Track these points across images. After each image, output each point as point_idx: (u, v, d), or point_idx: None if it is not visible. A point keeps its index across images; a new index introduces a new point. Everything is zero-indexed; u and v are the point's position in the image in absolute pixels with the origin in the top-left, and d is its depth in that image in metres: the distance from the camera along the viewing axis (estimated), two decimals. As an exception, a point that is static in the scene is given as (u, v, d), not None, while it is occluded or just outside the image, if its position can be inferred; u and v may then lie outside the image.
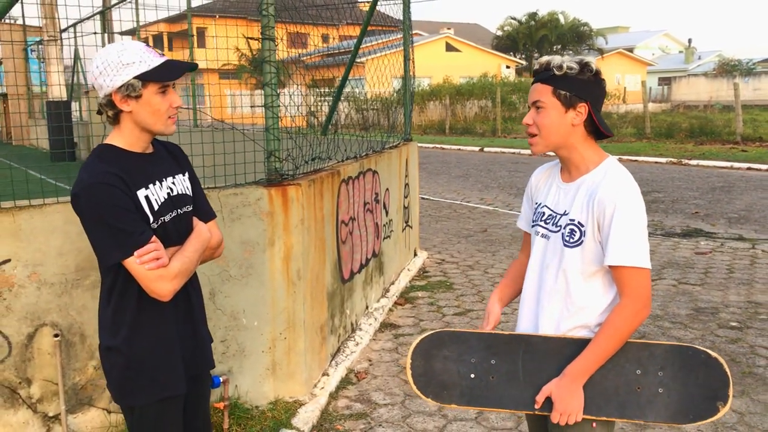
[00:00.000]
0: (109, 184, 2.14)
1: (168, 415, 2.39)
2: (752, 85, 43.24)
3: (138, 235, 2.16)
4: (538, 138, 2.22)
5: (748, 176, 14.61)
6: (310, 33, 7.45)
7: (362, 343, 5.32)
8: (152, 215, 2.26)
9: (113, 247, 2.15)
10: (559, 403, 2.16)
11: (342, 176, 5.11)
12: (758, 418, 4.07)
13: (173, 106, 2.28)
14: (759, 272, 7.19)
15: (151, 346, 2.32)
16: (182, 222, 2.40)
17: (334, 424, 4.11)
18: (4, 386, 3.43)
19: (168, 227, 2.32)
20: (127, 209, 2.16)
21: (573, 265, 2.22)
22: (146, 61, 2.20)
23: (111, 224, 2.13)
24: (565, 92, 2.15)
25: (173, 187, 2.38)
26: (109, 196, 2.14)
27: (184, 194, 2.43)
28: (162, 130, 2.29)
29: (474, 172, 17.26)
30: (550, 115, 2.18)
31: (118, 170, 2.19)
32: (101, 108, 2.26)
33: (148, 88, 2.21)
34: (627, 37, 68.68)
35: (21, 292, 3.41)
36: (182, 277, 2.28)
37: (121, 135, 2.28)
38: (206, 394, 2.67)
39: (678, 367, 2.15)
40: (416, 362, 2.32)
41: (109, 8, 19.03)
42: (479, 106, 35.38)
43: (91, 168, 2.19)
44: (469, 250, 8.64)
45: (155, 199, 2.28)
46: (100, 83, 2.20)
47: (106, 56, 2.19)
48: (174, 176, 2.41)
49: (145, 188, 2.26)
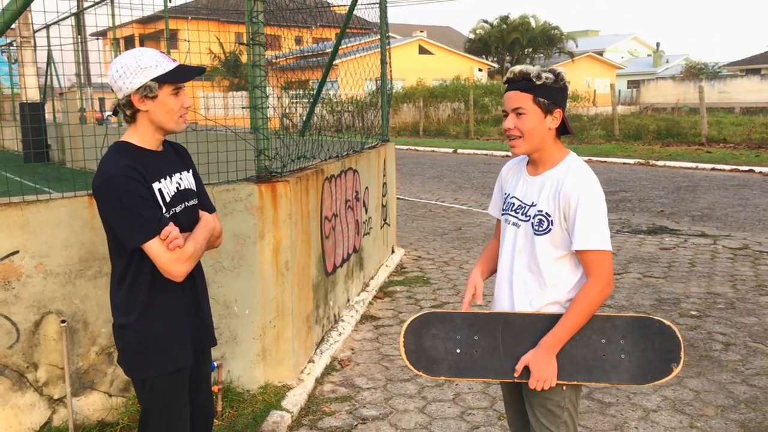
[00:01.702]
0: (129, 176, 2.39)
1: (176, 386, 2.63)
2: (718, 88, 44.23)
3: (157, 221, 2.41)
4: (521, 141, 2.48)
5: (711, 176, 15.13)
6: (283, 35, 7.65)
7: (345, 333, 5.59)
8: (165, 206, 2.51)
9: (137, 232, 2.39)
10: (536, 371, 2.45)
11: (326, 174, 5.37)
12: (712, 395, 4.41)
13: (184, 106, 2.52)
14: (719, 266, 7.59)
15: (161, 323, 2.56)
16: (190, 214, 2.65)
17: (321, 407, 4.37)
18: (12, 370, 3.64)
19: (179, 218, 2.57)
20: (146, 198, 2.42)
21: (543, 250, 2.51)
22: (162, 65, 2.44)
23: (134, 212, 2.38)
24: (544, 100, 2.43)
25: (181, 182, 2.64)
26: (131, 186, 2.38)
27: (189, 189, 2.68)
28: (174, 128, 2.53)
29: (448, 173, 17.61)
30: (531, 120, 2.45)
31: (136, 164, 2.44)
32: (119, 108, 2.50)
33: (163, 89, 2.45)
34: (597, 41, 69.76)
35: (28, 282, 3.62)
36: (194, 259, 2.54)
37: (137, 132, 2.53)
38: (209, 369, 2.92)
39: (637, 335, 2.46)
40: (408, 340, 2.60)
41: (83, 10, 19.03)
42: (452, 109, 35.85)
43: (112, 162, 2.43)
44: (444, 248, 8.95)
45: (167, 192, 2.54)
46: (120, 85, 2.44)
47: (125, 61, 2.43)
48: (181, 172, 2.67)
49: (158, 182, 2.51)
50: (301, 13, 7.92)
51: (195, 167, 2.81)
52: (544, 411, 2.52)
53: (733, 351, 5.12)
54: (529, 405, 2.57)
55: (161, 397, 2.61)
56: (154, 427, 2.63)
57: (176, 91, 2.49)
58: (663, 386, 4.53)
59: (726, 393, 4.43)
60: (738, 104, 40.47)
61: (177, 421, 2.65)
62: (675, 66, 61.18)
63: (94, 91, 20.47)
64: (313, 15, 8.38)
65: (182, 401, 2.68)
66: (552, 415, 2.51)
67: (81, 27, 18.05)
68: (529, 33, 50.88)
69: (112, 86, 2.47)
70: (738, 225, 9.81)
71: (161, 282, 2.52)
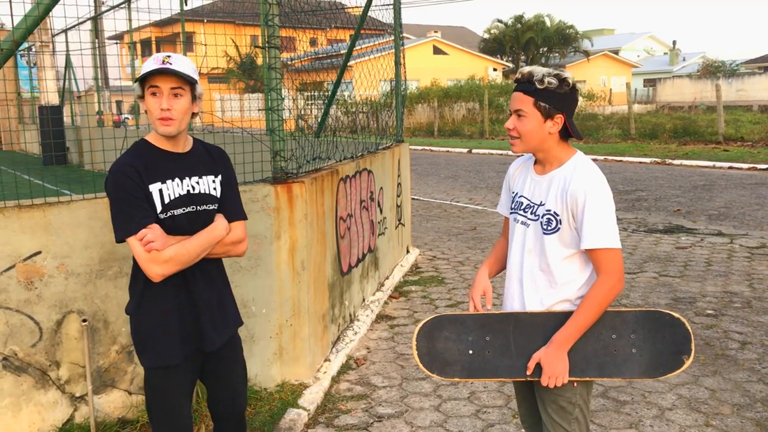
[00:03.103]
0: (124, 173, 2.51)
1: (170, 381, 2.70)
2: (735, 86, 43.85)
3: (139, 219, 2.50)
4: (519, 141, 2.53)
5: (729, 175, 15.04)
6: (298, 37, 7.69)
7: (360, 332, 5.63)
8: (161, 206, 2.57)
9: (119, 228, 2.52)
10: (548, 368, 2.48)
11: (340, 175, 5.42)
12: (728, 394, 4.41)
13: (161, 108, 2.51)
14: (735, 265, 7.56)
15: (151, 317, 2.66)
16: (199, 218, 2.66)
17: (337, 405, 4.42)
18: (35, 368, 3.72)
19: (179, 220, 2.61)
20: (135, 197, 2.50)
21: (552, 249, 2.53)
22: (145, 67, 2.52)
23: (120, 208, 2.51)
24: (544, 104, 2.45)
25: (196, 186, 2.66)
26: (123, 183, 2.50)
27: (206, 194, 2.69)
28: (158, 130, 2.56)
29: (463, 173, 17.62)
30: (530, 123, 2.48)
31: (138, 163, 2.54)
32: None
33: (147, 91, 2.52)
34: (612, 40, 69.40)
35: (50, 282, 3.70)
36: (174, 263, 2.55)
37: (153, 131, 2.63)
38: (229, 368, 2.90)
39: (647, 329, 2.49)
40: (421, 344, 2.64)
41: (101, 14, 19.23)
42: (467, 109, 35.79)
43: (119, 158, 2.57)
44: (459, 248, 8.97)
45: (168, 194, 2.58)
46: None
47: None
48: (200, 176, 2.69)
49: (161, 182, 2.57)
50: (316, 15, 7.97)
51: (228, 174, 2.81)
52: (556, 407, 2.55)
53: (749, 350, 5.11)
54: (541, 401, 2.60)
55: (158, 390, 2.71)
56: (156, 419, 2.73)
57: (154, 92, 2.51)
58: (678, 385, 4.54)
59: (742, 392, 4.43)
60: (756, 102, 40.12)
61: (176, 415, 2.72)
62: (692, 64, 60.70)
63: (111, 93, 20.69)
64: (327, 17, 8.42)
65: (180, 397, 2.74)
66: (564, 412, 2.54)
67: (98, 31, 18.27)
68: (543, 32, 50.67)
69: None
70: (755, 224, 9.75)
71: None
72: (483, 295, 2.77)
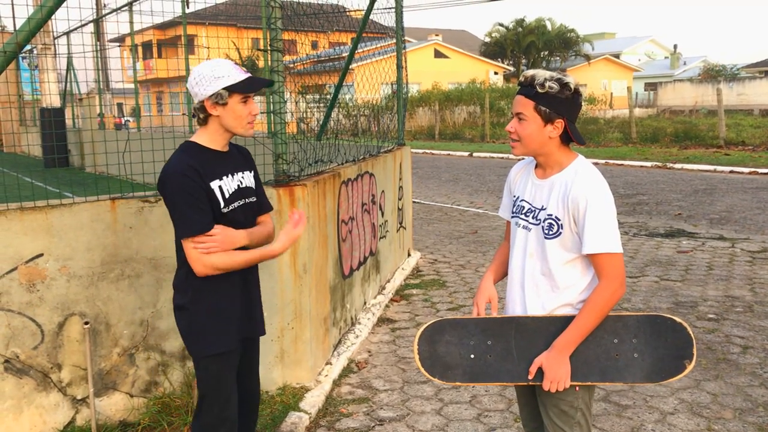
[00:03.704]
0: (184, 174, 2.62)
1: (226, 368, 2.84)
2: (736, 90, 43.83)
3: (197, 221, 2.64)
4: (519, 144, 2.53)
5: (730, 179, 15.04)
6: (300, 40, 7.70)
7: (361, 335, 5.63)
8: (224, 202, 2.73)
9: (179, 228, 2.66)
10: (549, 372, 2.48)
11: (342, 178, 5.42)
12: (730, 398, 4.41)
13: (252, 113, 2.75)
14: (737, 269, 7.56)
15: (210, 307, 2.78)
16: (249, 209, 2.88)
17: (339, 408, 4.41)
18: (37, 371, 3.72)
19: (237, 212, 2.79)
20: (197, 198, 2.63)
21: (554, 254, 2.53)
22: (233, 76, 2.67)
23: (181, 209, 2.64)
24: (545, 109, 2.45)
25: (243, 180, 2.87)
26: (186, 184, 2.62)
27: (249, 187, 2.91)
28: (242, 132, 2.77)
29: (464, 176, 17.63)
30: (530, 126, 2.48)
31: (197, 163, 2.67)
32: (195, 112, 2.74)
33: (233, 97, 2.68)
34: (613, 43, 69.37)
35: (52, 284, 3.71)
36: (218, 269, 2.71)
37: (206, 133, 2.77)
38: (257, 357, 3.11)
39: (649, 333, 2.48)
40: (422, 348, 2.64)
41: (103, 17, 19.27)
42: (468, 112, 35.83)
43: (176, 160, 2.68)
44: (460, 251, 8.97)
45: (227, 189, 2.77)
46: (195, 92, 2.67)
47: (201, 70, 2.68)
48: (243, 172, 2.89)
49: (219, 179, 2.74)
50: (318, 19, 7.98)
51: (256, 168, 3.04)
52: (558, 411, 2.54)
53: (751, 354, 5.11)
54: (543, 406, 2.60)
55: (215, 377, 2.82)
56: (208, 408, 2.83)
57: (245, 99, 2.71)
58: (680, 389, 4.54)
59: (744, 396, 4.43)
60: (757, 106, 40.12)
61: (228, 402, 2.85)
62: (693, 68, 60.74)
63: (113, 96, 20.71)
64: (329, 20, 8.44)
65: (232, 383, 2.88)
66: (565, 416, 2.53)
67: (100, 34, 18.30)
68: (544, 36, 50.72)
69: (190, 92, 2.70)
70: (757, 228, 9.75)
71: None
72: (488, 301, 2.77)
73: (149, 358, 4.05)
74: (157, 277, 4.00)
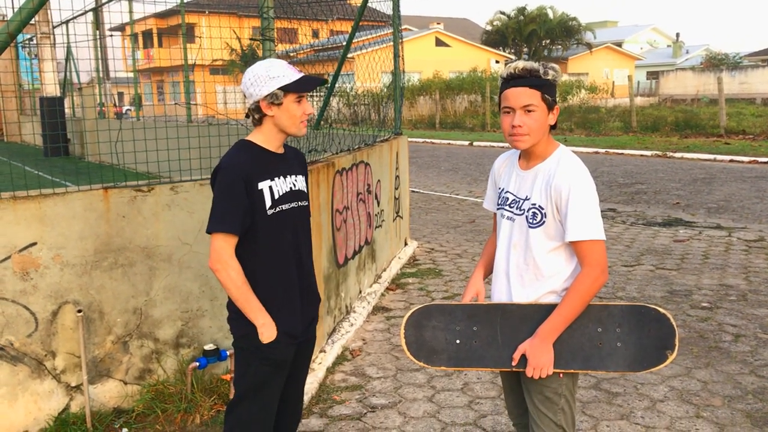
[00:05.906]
0: (234, 171, 2.63)
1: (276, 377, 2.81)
2: (738, 79, 43.69)
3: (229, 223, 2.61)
4: (528, 137, 2.50)
5: (729, 168, 15.03)
6: (300, 29, 7.67)
7: (356, 324, 5.67)
8: (271, 202, 2.70)
9: (210, 221, 2.64)
10: (533, 359, 2.51)
11: (336, 167, 5.44)
12: (720, 386, 4.44)
13: (306, 113, 2.74)
14: (732, 258, 7.58)
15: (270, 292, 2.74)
16: (302, 213, 2.86)
17: (332, 395, 4.45)
18: (31, 358, 3.76)
19: (286, 214, 2.76)
20: (237, 196, 2.61)
21: (538, 243, 2.56)
22: (288, 76, 2.66)
23: (218, 204, 2.63)
24: (549, 97, 2.48)
25: (296, 183, 2.84)
26: (229, 182, 2.62)
27: (303, 191, 2.89)
28: (295, 132, 2.75)
29: (463, 165, 17.63)
30: (540, 117, 2.48)
31: (249, 163, 2.66)
32: (249, 112, 2.73)
33: (288, 97, 2.67)
34: (615, 32, 69.15)
35: (46, 273, 3.74)
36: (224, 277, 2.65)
37: (261, 134, 2.75)
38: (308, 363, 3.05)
39: (633, 323, 2.51)
40: (409, 332, 2.68)
41: (102, 5, 19.24)
42: (469, 101, 35.76)
43: (230, 156, 2.69)
44: (457, 240, 9.00)
45: (278, 190, 2.74)
46: (251, 92, 2.66)
47: (256, 70, 2.66)
48: (296, 175, 2.87)
49: (270, 180, 2.72)
50: (312, 7, 7.96)
51: (307, 174, 3.02)
52: (542, 398, 2.57)
53: (742, 342, 5.14)
54: (527, 392, 2.63)
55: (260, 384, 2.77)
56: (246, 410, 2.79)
57: (299, 99, 2.70)
58: (670, 377, 4.57)
59: (734, 384, 4.46)
60: (759, 95, 39.99)
61: (268, 409, 2.82)
62: (695, 56, 60.57)
63: (112, 85, 20.69)
64: (328, 8, 8.42)
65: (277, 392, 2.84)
66: (549, 402, 2.57)
67: (99, 23, 18.26)
68: (546, 24, 50.57)
69: (244, 92, 2.68)
70: (754, 217, 9.77)
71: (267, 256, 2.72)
72: (476, 295, 2.80)
73: (143, 345, 4.08)
74: (150, 266, 4.03)
